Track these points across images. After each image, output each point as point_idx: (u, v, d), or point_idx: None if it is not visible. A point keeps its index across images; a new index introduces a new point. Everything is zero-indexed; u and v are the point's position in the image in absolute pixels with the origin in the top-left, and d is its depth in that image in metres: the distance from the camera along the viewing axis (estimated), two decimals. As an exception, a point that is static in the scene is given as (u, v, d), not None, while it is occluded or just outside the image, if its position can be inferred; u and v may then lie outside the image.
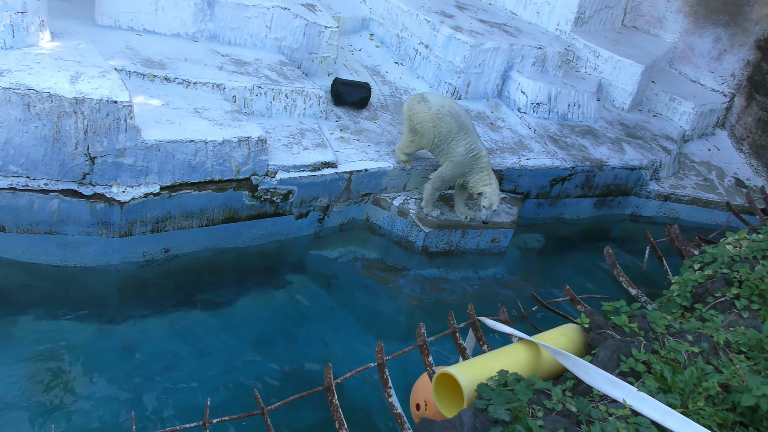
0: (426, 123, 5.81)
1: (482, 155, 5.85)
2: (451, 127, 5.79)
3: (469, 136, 5.85)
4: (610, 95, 8.82)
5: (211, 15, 6.23)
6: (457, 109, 5.91)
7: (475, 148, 5.83)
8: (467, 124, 5.87)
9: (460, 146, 5.79)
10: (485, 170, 5.83)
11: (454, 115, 5.82)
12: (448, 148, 5.84)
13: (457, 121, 5.82)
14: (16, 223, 4.66)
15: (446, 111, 5.81)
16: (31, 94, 4.33)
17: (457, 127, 5.80)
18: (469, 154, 5.81)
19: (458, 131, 5.80)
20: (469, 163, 5.82)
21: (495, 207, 5.80)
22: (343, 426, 3.24)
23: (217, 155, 5.09)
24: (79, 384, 4.34)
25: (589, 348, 3.52)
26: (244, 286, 5.50)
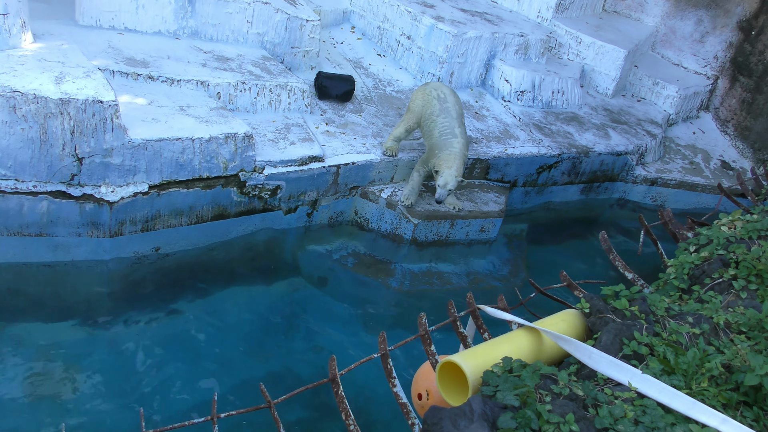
0: (417, 100, 6.29)
1: (456, 140, 5.96)
2: (434, 108, 6.12)
3: (447, 119, 6.05)
4: (594, 81, 9.03)
5: (192, 12, 6.35)
6: (448, 95, 6.22)
7: (449, 132, 6.00)
8: (451, 110, 6.11)
9: (437, 128, 6.04)
10: (454, 155, 5.90)
11: (441, 99, 6.16)
12: (428, 130, 6.12)
13: (441, 105, 6.13)
14: (6, 225, 4.77)
15: (435, 94, 6.20)
16: (16, 96, 4.44)
17: (439, 109, 6.11)
18: (442, 136, 5.99)
19: (439, 113, 6.09)
20: (441, 144, 5.98)
21: (450, 186, 5.83)
22: (349, 417, 3.30)
23: (204, 152, 5.23)
24: (80, 385, 4.46)
25: (591, 333, 3.58)
26: (237, 282, 5.63)
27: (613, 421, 2.66)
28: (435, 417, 2.66)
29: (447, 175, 5.82)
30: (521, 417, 2.60)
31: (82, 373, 4.50)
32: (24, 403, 4.24)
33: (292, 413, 4.50)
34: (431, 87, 6.31)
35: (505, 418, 2.60)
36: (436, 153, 5.99)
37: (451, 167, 5.85)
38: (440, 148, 5.95)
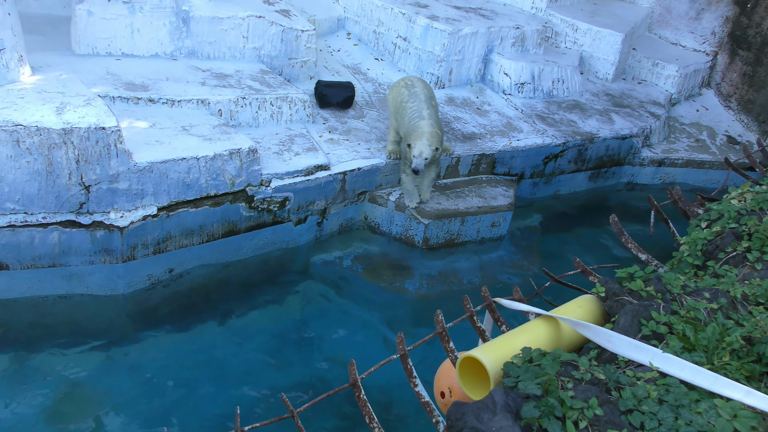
0: (390, 97, 6.34)
1: (423, 121, 5.86)
2: (403, 96, 6.08)
3: (415, 103, 5.98)
4: (593, 67, 8.96)
5: (188, 32, 6.33)
6: (416, 82, 6.20)
7: (417, 115, 5.90)
8: (419, 94, 6.06)
9: (407, 113, 5.97)
10: (423, 132, 5.81)
11: (409, 86, 6.15)
12: (400, 118, 6.05)
13: (409, 91, 6.09)
14: (19, 259, 4.77)
15: (403, 83, 6.21)
16: (19, 130, 4.44)
17: (407, 95, 6.06)
18: (411, 121, 5.90)
19: (407, 99, 6.03)
20: (411, 128, 5.90)
21: (426, 155, 5.74)
22: (373, 420, 3.30)
23: (210, 170, 5.20)
24: (104, 410, 4.47)
25: (608, 316, 3.57)
26: (252, 296, 5.62)
27: (637, 402, 2.66)
28: (458, 412, 2.66)
29: (420, 144, 5.73)
30: (544, 405, 2.59)
31: (105, 399, 4.51)
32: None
33: (315, 421, 4.50)
34: (399, 80, 6.35)
35: (528, 408, 2.59)
36: (408, 136, 5.94)
37: (421, 138, 5.77)
38: (410, 131, 5.89)
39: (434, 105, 6.16)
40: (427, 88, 6.24)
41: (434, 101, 6.21)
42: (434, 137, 5.81)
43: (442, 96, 7.68)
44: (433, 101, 6.18)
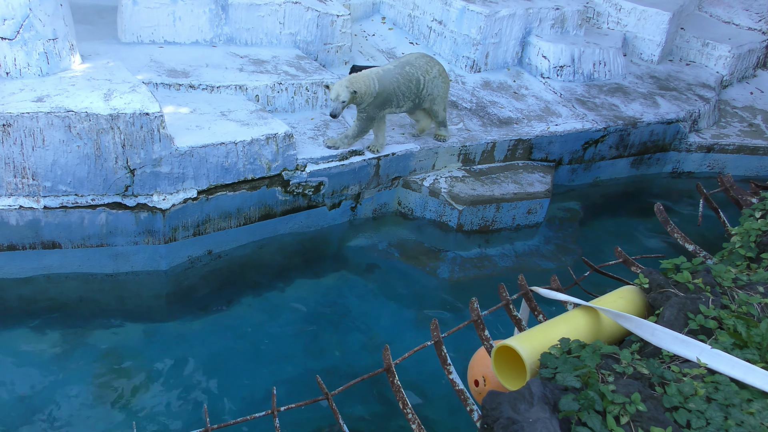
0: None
1: (382, 66, 6.11)
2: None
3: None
4: (637, 48, 9.07)
5: (226, 19, 6.81)
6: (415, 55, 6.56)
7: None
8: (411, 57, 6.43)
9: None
10: (360, 72, 6.05)
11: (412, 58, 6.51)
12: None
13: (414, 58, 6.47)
14: (70, 239, 5.31)
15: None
16: (70, 116, 4.95)
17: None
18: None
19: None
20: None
21: (343, 98, 5.80)
22: (406, 405, 3.36)
23: (248, 155, 5.65)
24: (146, 385, 4.87)
25: (651, 309, 3.52)
26: (287, 279, 6.00)
27: (683, 399, 2.63)
28: (494, 402, 2.68)
29: (336, 86, 5.86)
30: (584, 398, 2.57)
31: (147, 374, 4.94)
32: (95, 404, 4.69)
33: (349, 404, 4.80)
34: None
35: (567, 400, 2.57)
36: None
37: (343, 77, 5.93)
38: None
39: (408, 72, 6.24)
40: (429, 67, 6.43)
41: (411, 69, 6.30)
42: (366, 82, 5.92)
43: (478, 80, 7.96)
44: (408, 68, 6.29)
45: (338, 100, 5.82)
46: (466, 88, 7.78)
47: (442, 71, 6.54)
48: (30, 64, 5.27)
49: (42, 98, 5.03)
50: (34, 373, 4.78)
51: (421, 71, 6.34)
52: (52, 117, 4.91)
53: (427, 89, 6.40)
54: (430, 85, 6.40)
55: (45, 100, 5.00)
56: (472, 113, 7.34)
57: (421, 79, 6.33)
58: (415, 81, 6.29)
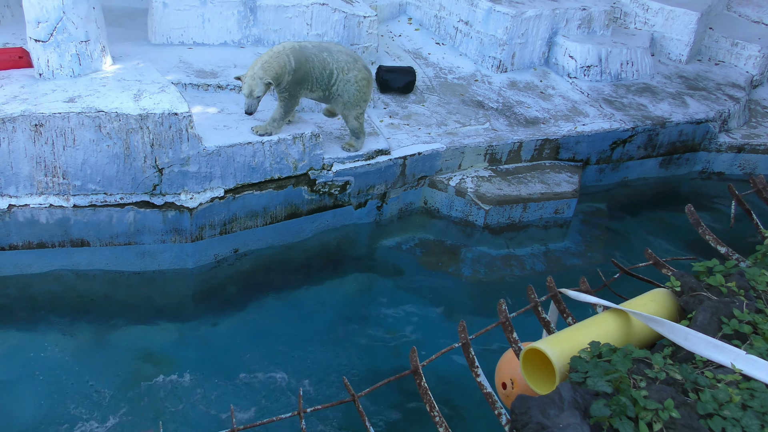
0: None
1: (288, 42, 5.46)
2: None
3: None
4: (665, 48, 8.87)
5: (254, 20, 6.76)
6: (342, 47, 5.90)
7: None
8: (324, 42, 5.93)
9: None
10: (266, 54, 5.37)
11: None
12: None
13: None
14: (99, 237, 5.29)
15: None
16: (101, 116, 4.93)
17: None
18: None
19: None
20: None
21: (257, 93, 5.29)
22: (434, 408, 3.30)
23: (275, 154, 5.58)
24: (172, 384, 4.83)
25: (684, 312, 3.44)
26: (313, 278, 5.94)
27: (718, 406, 2.56)
28: (523, 406, 2.63)
29: (248, 79, 5.28)
30: (615, 404, 2.51)
31: (173, 373, 4.90)
32: (121, 402, 4.65)
33: (376, 406, 4.73)
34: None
35: (598, 406, 2.51)
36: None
37: (254, 66, 5.28)
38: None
39: (323, 57, 5.59)
40: (344, 56, 5.73)
41: (328, 55, 5.63)
42: (278, 64, 5.29)
43: (504, 80, 7.82)
44: (326, 54, 5.63)
45: (252, 96, 5.30)
46: (493, 88, 7.63)
47: (361, 79, 5.72)
48: (62, 65, 5.27)
49: (73, 99, 5.02)
50: (61, 369, 4.77)
51: (337, 65, 5.62)
52: (83, 117, 4.89)
53: (338, 88, 5.67)
54: (341, 85, 5.66)
55: (76, 101, 4.99)
56: (499, 113, 7.19)
57: (334, 72, 5.62)
58: (327, 71, 5.59)
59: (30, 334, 5.00)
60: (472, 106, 7.21)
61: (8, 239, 5.11)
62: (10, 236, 5.10)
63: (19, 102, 4.92)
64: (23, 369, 4.74)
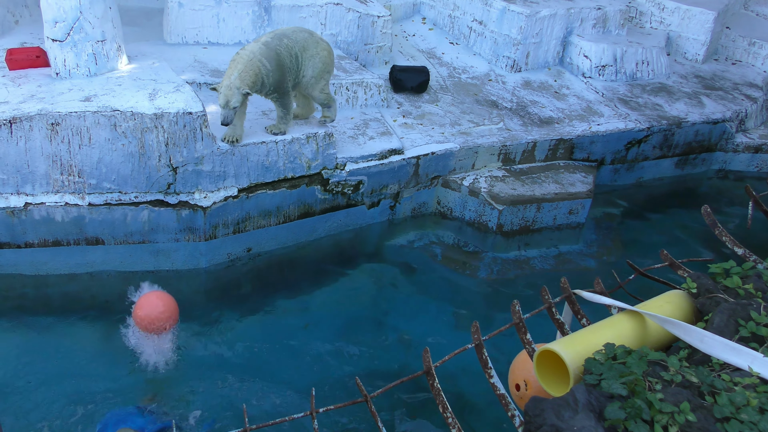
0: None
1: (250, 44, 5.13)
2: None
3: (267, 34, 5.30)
4: (681, 48, 8.75)
5: (269, 20, 6.73)
6: (292, 27, 5.60)
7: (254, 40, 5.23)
8: (278, 30, 5.48)
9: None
10: (238, 61, 5.03)
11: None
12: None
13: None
14: (113, 235, 5.28)
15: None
16: (116, 115, 4.92)
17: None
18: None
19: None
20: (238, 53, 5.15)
21: (234, 103, 4.98)
22: (446, 409, 3.26)
23: (288, 153, 5.55)
24: (183, 383, 4.83)
25: (700, 314, 3.36)
26: (325, 278, 5.91)
27: (735, 409, 2.51)
28: (537, 408, 2.60)
29: (224, 90, 4.96)
30: (630, 406, 2.47)
31: (185, 372, 4.88)
32: (134, 402, 4.62)
33: (388, 406, 4.69)
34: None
35: (613, 408, 2.48)
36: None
37: (230, 76, 4.99)
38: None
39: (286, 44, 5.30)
40: (300, 36, 5.46)
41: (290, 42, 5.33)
42: (252, 71, 5.01)
43: (518, 80, 7.74)
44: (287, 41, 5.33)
45: (229, 107, 5.01)
46: (507, 88, 7.56)
47: (322, 50, 5.49)
48: (79, 64, 5.27)
49: (89, 98, 5.02)
50: (76, 368, 4.76)
51: (299, 47, 5.38)
52: (98, 116, 4.89)
53: (305, 68, 5.43)
54: (307, 63, 5.42)
55: (92, 100, 4.99)
56: (513, 113, 7.11)
57: (299, 55, 5.38)
58: (294, 57, 5.35)
59: (46, 332, 5.01)
60: (486, 106, 7.13)
61: (24, 237, 5.12)
62: (26, 234, 5.11)
63: (36, 101, 4.93)
64: (41, 367, 4.74)
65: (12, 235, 5.08)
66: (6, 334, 4.98)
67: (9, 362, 4.73)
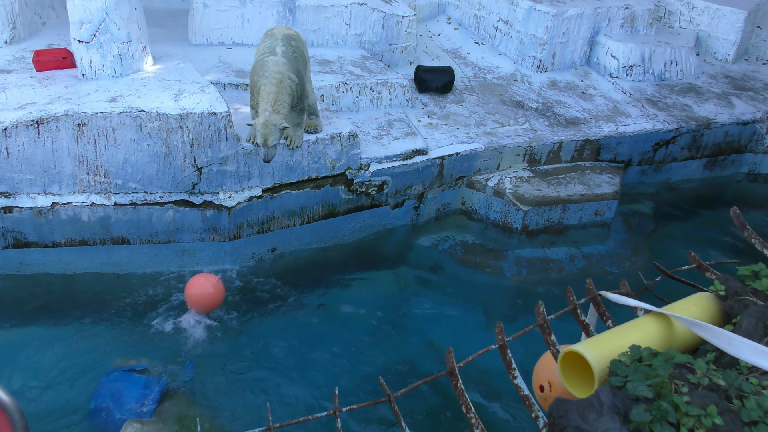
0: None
1: (272, 58, 4.77)
2: (260, 42, 5.14)
3: (269, 41, 4.96)
4: (711, 47, 8.49)
5: (293, 20, 6.64)
6: (275, 28, 5.23)
7: (269, 50, 4.86)
8: (276, 34, 5.05)
9: (258, 51, 4.99)
10: (269, 89, 4.69)
11: (267, 32, 5.22)
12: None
13: (265, 35, 5.14)
14: (139, 235, 5.22)
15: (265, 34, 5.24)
16: (142, 116, 4.86)
17: (263, 37, 5.13)
18: (260, 56, 4.90)
19: (263, 41, 5.11)
20: (257, 66, 4.85)
21: (272, 142, 4.68)
22: (470, 410, 3.21)
23: (312, 154, 5.44)
24: (207, 382, 4.76)
25: (728, 317, 3.33)
26: (349, 278, 5.81)
27: (763, 413, 2.46)
28: (561, 410, 2.58)
29: (261, 128, 4.64)
30: (656, 409, 2.43)
31: (208, 371, 4.81)
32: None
33: (412, 406, 4.58)
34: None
35: (639, 411, 2.44)
36: (255, 84, 4.86)
37: (265, 110, 4.62)
38: (257, 71, 4.86)
39: (295, 46, 5.01)
40: (290, 31, 5.18)
41: (294, 43, 5.04)
42: (286, 94, 4.68)
43: (544, 80, 7.55)
44: (293, 42, 5.03)
45: (268, 145, 4.68)
46: (533, 88, 7.38)
47: (297, 35, 5.16)
48: (105, 65, 5.22)
49: (115, 98, 4.96)
50: (102, 367, 4.69)
51: (304, 46, 5.10)
52: (124, 117, 4.83)
53: (305, 59, 5.09)
54: (304, 51, 5.12)
55: (118, 101, 4.93)
56: (539, 113, 6.93)
57: (305, 52, 5.09)
58: (303, 57, 5.04)
59: (74, 331, 4.97)
60: (512, 106, 6.97)
61: (52, 236, 5.08)
62: (53, 233, 5.07)
63: (63, 102, 4.89)
64: (69, 363, 4.70)
65: (39, 234, 5.05)
66: (33, 332, 4.95)
67: (33, 358, 4.70)
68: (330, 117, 5.75)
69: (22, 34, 5.97)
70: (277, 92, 4.72)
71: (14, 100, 4.90)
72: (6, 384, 4.32)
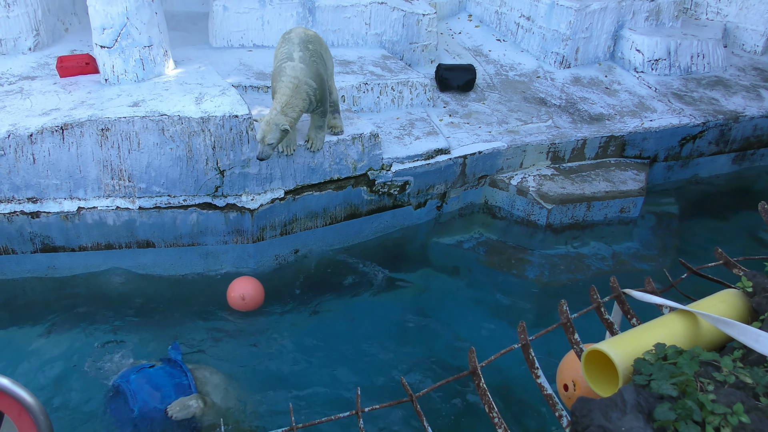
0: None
1: (289, 63, 4.82)
2: (278, 45, 5.18)
3: (287, 46, 4.97)
4: (739, 39, 8.24)
5: (313, 21, 6.58)
6: (293, 30, 5.22)
7: (286, 56, 4.89)
8: (293, 38, 5.05)
9: (276, 57, 5.06)
10: (284, 91, 4.72)
11: (284, 35, 5.22)
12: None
13: (283, 38, 5.16)
14: (163, 238, 5.22)
15: (282, 38, 5.23)
16: (164, 119, 4.84)
17: (281, 41, 5.14)
18: (278, 62, 4.93)
19: (280, 45, 5.10)
20: (276, 72, 4.88)
21: (270, 140, 4.69)
22: (492, 409, 3.18)
23: (334, 155, 5.38)
24: (232, 384, 4.77)
25: (755, 314, 3.25)
26: (372, 279, 5.76)
27: None
28: (584, 409, 2.52)
29: (263, 125, 4.68)
30: (681, 407, 2.37)
31: (232, 372, 4.77)
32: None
33: (434, 406, 4.53)
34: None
35: (663, 409, 2.38)
36: (275, 87, 4.91)
37: (274, 108, 4.69)
38: (276, 77, 4.91)
39: (312, 49, 5.01)
40: (308, 33, 5.17)
41: (312, 46, 5.05)
42: (299, 99, 4.73)
43: (567, 76, 7.39)
44: (310, 45, 5.04)
45: (264, 143, 4.69)
46: (556, 85, 7.23)
47: (316, 36, 5.23)
48: (127, 70, 5.22)
49: (138, 103, 4.95)
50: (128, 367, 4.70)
51: (322, 47, 5.10)
52: (147, 121, 4.82)
53: (327, 60, 5.12)
54: (329, 61, 5.16)
55: (140, 105, 4.93)
56: (562, 110, 6.79)
57: (323, 55, 5.10)
58: (321, 59, 5.03)
59: (101, 334, 4.98)
60: (534, 104, 6.83)
61: (78, 241, 5.10)
62: (79, 238, 5.09)
63: (87, 107, 4.89)
64: (97, 368, 4.70)
65: (66, 239, 5.07)
66: (60, 334, 4.98)
67: (60, 360, 4.72)
68: (351, 118, 5.68)
69: (45, 40, 6.00)
70: (291, 96, 4.78)
71: (39, 107, 4.92)
72: (32, 385, 4.39)
